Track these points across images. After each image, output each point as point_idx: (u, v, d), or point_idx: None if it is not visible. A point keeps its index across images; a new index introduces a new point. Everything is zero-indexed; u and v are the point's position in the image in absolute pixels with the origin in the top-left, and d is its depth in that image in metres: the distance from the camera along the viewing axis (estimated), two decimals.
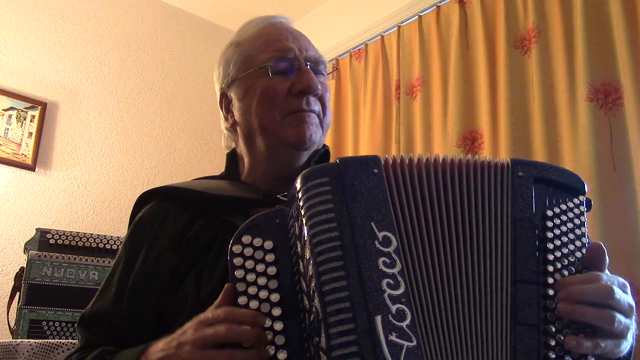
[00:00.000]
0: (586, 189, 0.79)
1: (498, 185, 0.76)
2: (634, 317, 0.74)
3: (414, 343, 0.63)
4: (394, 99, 2.78)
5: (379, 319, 0.63)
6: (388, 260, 0.67)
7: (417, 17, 2.75)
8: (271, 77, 0.97)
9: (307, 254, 0.68)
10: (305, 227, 0.69)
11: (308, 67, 0.99)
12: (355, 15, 3.15)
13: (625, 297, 0.72)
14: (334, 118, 3.07)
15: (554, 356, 0.68)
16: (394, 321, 0.64)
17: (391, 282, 0.66)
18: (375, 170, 0.72)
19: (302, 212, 0.70)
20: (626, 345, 0.74)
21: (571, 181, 0.79)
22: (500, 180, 0.77)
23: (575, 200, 0.77)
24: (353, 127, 2.99)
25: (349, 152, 2.97)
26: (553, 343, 0.69)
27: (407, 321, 0.64)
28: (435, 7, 2.67)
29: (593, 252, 0.75)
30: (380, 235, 0.68)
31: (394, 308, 0.65)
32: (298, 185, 0.72)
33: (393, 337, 0.63)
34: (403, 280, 0.66)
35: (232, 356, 0.67)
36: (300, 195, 0.71)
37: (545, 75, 2.18)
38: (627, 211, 1.87)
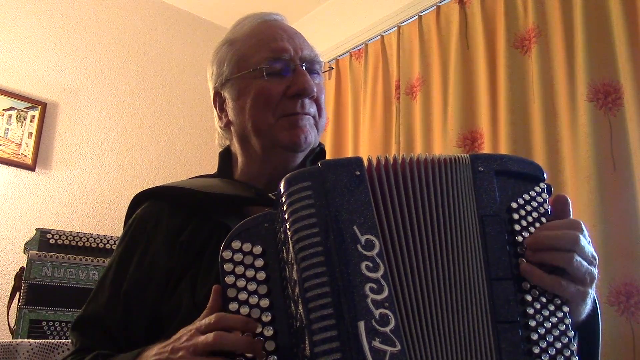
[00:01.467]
0: (545, 175, 0.79)
1: (461, 183, 0.76)
2: (596, 268, 0.75)
3: (398, 348, 0.63)
4: (394, 99, 2.78)
5: (361, 324, 0.63)
6: (371, 264, 0.66)
7: (417, 17, 2.75)
8: (266, 79, 0.96)
9: (291, 260, 0.68)
10: (288, 233, 0.68)
11: (303, 68, 0.98)
12: (355, 15, 3.15)
13: (589, 248, 0.74)
14: (334, 118, 3.07)
15: (537, 351, 0.68)
16: (377, 326, 0.63)
17: (374, 286, 0.65)
18: (358, 172, 0.71)
19: (286, 217, 0.69)
20: (589, 302, 0.76)
21: (531, 170, 0.78)
22: (463, 177, 0.76)
23: (537, 188, 0.77)
24: (353, 127, 2.99)
25: (349, 152, 2.97)
26: (535, 337, 0.69)
27: (391, 326, 0.64)
28: (435, 7, 2.67)
29: (558, 202, 0.77)
30: (363, 238, 0.67)
31: (377, 313, 0.64)
32: (281, 189, 0.72)
33: (376, 343, 0.62)
34: (386, 284, 0.66)
35: None
36: (283, 199, 0.71)
37: (545, 75, 2.18)
38: (627, 211, 1.87)
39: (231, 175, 1.05)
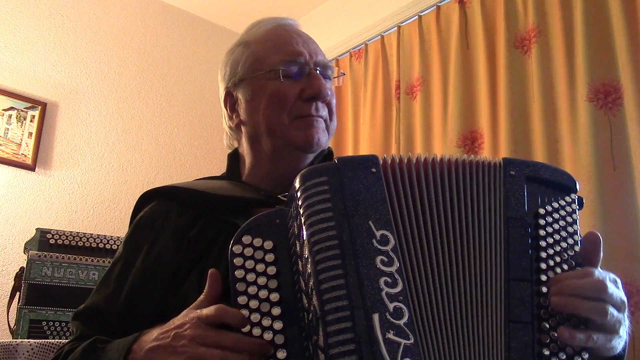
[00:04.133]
0: (578, 187, 0.79)
1: (490, 184, 0.77)
2: (625, 312, 0.74)
3: (412, 341, 0.64)
4: (394, 99, 2.78)
5: (376, 317, 0.64)
6: (386, 259, 0.67)
7: (417, 17, 2.75)
8: (282, 80, 0.98)
9: (306, 253, 0.68)
10: (303, 227, 0.69)
11: (318, 72, 1.00)
12: (355, 15, 3.15)
13: (617, 292, 0.73)
14: None
15: (547, 353, 0.69)
16: (391, 319, 0.64)
17: (389, 280, 0.66)
18: (374, 170, 0.73)
19: (301, 211, 0.70)
20: (619, 342, 0.74)
21: (563, 179, 0.79)
22: (493, 179, 0.77)
23: (567, 199, 0.78)
24: (353, 127, 2.99)
25: (349, 152, 2.97)
26: (547, 340, 0.69)
27: (405, 319, 0.65)
28: (435, 7, 2.67)
29: (589, 241, 0.76)
30: (378, 233, 0.69)
31: (391, 306, 0.65)
32: (297, 184, 0.73)
33: (390, 335, 0.63)
34: (401, 279, 0.67)
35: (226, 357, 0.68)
36: (298, 194, 0.72)
37: (545, 75, 2.18)
38: (627, 211, 1.87)
39: (239, 176, 1.06)
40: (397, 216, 0.72)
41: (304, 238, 0.69)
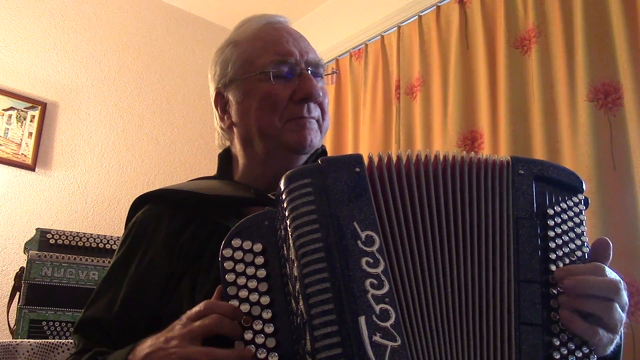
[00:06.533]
0: (584, 187, 0.79)
1: (497, 183, 0.76)
2: (625, 313, 0.74)
3: (399, 343, 0.63)
4: (394, 99, 2.78)
5: (362, 319, 0.63)
6: (371, 260, 0.66)
7: (417, 17, 2.75)
8: (272, 82, 0.96)
9: (292, 256, 0.68)
10: (289, 229, 0.69)
11: (309, 72, 0.99)
12: (355, 15, 3.15)
13: (624, 295, 0.73)
14: (334, 118, 3.07)
15: (558, 356, 0.68)
16: (377, 321, 0.63)
17: (375, 282, 0.65)
18: (357, 169, 0.72)
19: (286, 214, 0.70)
20: (615, 343, 0.74)
21: (570, 180, 0.79)
22: (500, 178, 0.76)
23: (575, 199, 0.77)
24: (353, 127, 2.99)
25: (349, 152, 2.97)
26: (557, 343, 0.69)
27: (391, 321, 0.64)
28: (435, 7, 2.67)
29: (600, 246, 0.76)
30: (363, 234, 0.68)
31: (377, 308, 0.64)
32: (282, 186, 0.72)
33: (377, 338, 0.63)
34: (387, 280, 0.66)
35: (213, 353, 0.67)
36: (283, 196, 0.71)
37: (545, 75, 2.18)
38: (627, 211, 1.87)
39: (231, 176, 1.05)
40: (383, 216, 0.70)
41: (290, 241, 0.68)
